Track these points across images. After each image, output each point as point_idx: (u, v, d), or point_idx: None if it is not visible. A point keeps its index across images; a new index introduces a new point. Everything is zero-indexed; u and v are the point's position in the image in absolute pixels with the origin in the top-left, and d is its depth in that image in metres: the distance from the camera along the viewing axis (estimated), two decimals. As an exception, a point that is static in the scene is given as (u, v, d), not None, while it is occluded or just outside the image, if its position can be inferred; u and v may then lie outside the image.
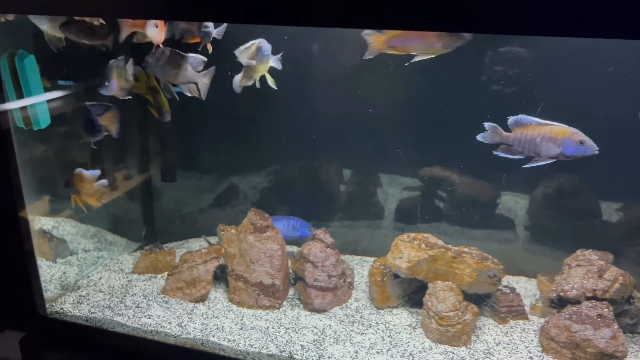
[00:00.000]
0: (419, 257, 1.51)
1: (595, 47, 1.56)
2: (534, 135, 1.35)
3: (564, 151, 1.33)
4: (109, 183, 1.92)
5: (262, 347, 1.42)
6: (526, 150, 1.37)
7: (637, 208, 1.78)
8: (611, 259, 1.48)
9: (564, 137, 1.32)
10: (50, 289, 1.67)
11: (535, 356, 1.39)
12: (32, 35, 1.53)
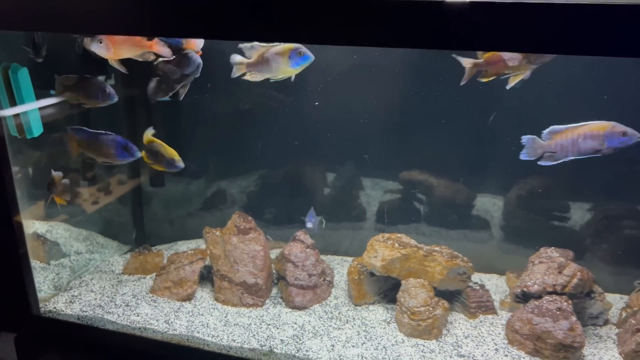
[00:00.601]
0: (393, 256, 1.60)
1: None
2: (575, 137, 1.38)
3: (608, 145, 1.35)
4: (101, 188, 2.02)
5: (244, 342, 1.51)
6: (570, 154, 1.41)
7: (604, 209, 1.87)
8: (571, 256, 1.57)
9: (605, 132, 1.35)
10: (43, 289, 1.75)
11: (500, 348, 1.48)
12: (22, 48, 1.63)
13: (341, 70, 1.84)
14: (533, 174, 1.89)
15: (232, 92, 1.93)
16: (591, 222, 1.89)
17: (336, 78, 1.85)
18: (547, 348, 1.41)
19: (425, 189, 2.02)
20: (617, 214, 1.86)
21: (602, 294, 1.59)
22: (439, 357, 1.44)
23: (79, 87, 1.57)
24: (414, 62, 1.80)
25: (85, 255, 1.94)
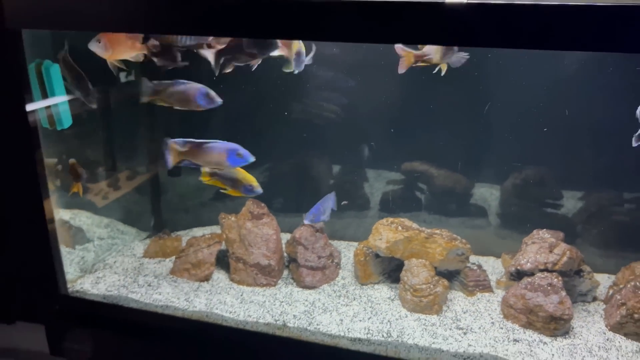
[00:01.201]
0: (396, 238, 1.73)
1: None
2: None
3: None
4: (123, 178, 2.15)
5: (259, 318, 1.63)
6: None
7: (595, 196, 1.99)
8: (561, 237, 1.70)
9: None
10: (70, 271, 1.87)
11: (496, 322, 1.61)
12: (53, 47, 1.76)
13: (344, 66, 1.96)
14: (528, 165, 2.01)
15: (243, 90, 2.05)
16: (582, 209, 2.01)
17: (340, 74, 1.98)
18: (539, 320, 1.53)
19: (426, 179, 2.14)
20: (606, 201, 1.98)
21: (590, 273, 1.71)
22: (440, 330, 1.57)
23: (175, 92, 1.64)
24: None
25: (108, 241, 2.06)
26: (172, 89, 1.63)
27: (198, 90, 1.63)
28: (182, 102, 1.65)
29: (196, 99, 1.64)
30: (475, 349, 1.48)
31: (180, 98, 1.64)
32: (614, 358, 1.46)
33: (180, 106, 1.66)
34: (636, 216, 1.94)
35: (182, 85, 1.64)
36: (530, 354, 1.46)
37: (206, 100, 1.64)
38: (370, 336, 1.54)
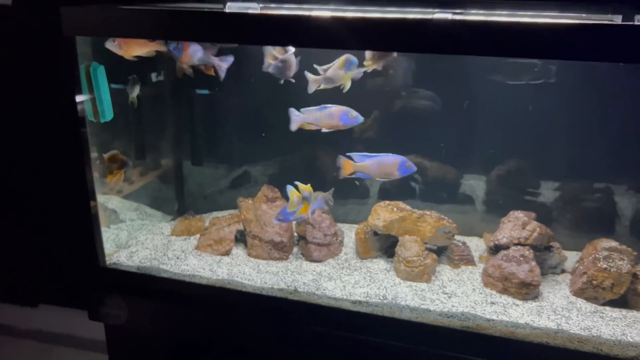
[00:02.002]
0: (392, 218, 2.00)
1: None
2: None
3: None
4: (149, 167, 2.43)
5: (274, 284, 1.90)
6: None
7: (570, 185, 2.25)
8: (533, 216, 1.96)
9: None
10: (107, 247, 2.13)
11: (477, 288, 1.87)
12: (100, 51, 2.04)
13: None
14: (511, 157, 2.28)
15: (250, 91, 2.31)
16: (558, 197, 2.27)
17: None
18: (513, 286, 1.80)
19: (420, 170, 2.40)
20: (579, 190, 2.25)
21: (559, 249, 1.98)
22: (428, 294, 1.84)
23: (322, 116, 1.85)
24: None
25: (138, 222, 2.33)
26: (318, 113, 1.85)
27: (342, 112, 1.84)
28: (329, 125, 1.86)
29: (341, 120, 1.85)
30: (457, 309, 1.75)
31: (327, 121, 1.85)
32: (574, 316, 1.72)
33: (327, 128, 1.87)
34: (603, 202, 2.20)
35: (328, 109, 1.85)
36: (504, 314, 1.73)
37: (349, 120, 1.86)
38: (368, 299, 1.81)
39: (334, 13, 1.65)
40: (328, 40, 1.63)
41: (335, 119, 1.86)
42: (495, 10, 1.63)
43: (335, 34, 1.57)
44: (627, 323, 1.70)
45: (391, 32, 1.52)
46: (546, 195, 2.28)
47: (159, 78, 2.25)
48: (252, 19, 1.64)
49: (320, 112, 1.85)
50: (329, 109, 1.85)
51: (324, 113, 1.85)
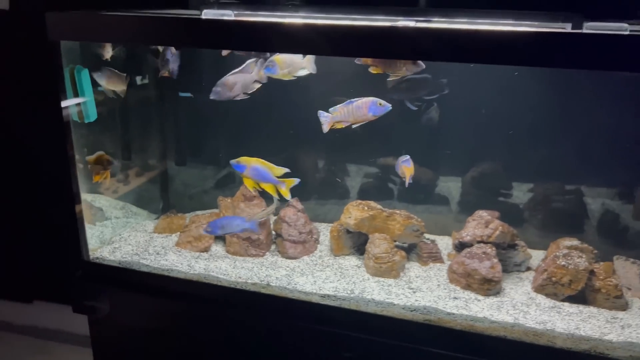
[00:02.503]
0: (363, 216, 2.08)
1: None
2: None
3: None
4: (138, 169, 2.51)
5: (248, 279, 1.98)
6: None
7: (541, 186, 2.33)
8: (497, 216, 2.04)
9: None
10: (91, 243, 2.22)
11: (442, 284, 1.95)
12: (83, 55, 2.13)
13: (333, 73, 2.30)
14: (485, 160, 2.36)
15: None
16: (530, 198, 2.35)
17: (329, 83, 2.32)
18: (475, 282, 1.88)
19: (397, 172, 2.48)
20: (549, 192, 2.32)
21: (524, 247, 2.05)
22: (394, 289, 1.91)
23: (350, 111, 1.82)
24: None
25: (123, 220, 2.42)
26: (346, 109, 1.83)
27: (371, 102, 1.82)
28: (359, 118, 1.84)
29: (370, 110, 1.82)
30: (420, 303, 1.82)
31: (356, 115, 1.83)
32: (532, 311, 1.80)
33: (357, 122, 1.85)
34: (572, 203, 2.27)
35: (355, 103, 1.83)
36: (465, 308, 1.81)
37: (378, 109, 1.82)
38: (337, 293, 1.89)
39: (304, 20, 1.74)
40: (299, 46, 1.73)
41: (364, 110, 1.84)
42: (456, 18, 1.71)
43: (306, 40, 1.66)
44: (582, 318, 1.77)
45: (360, 38, 1.61)
46: (518, 197, 2.36)
47: (144, 81, 2.34)
48: (226, 25, 1.73)
49: (347, 108, 1.84)
50: (356, 102, 1.83)
51: (352, 107, 1.83)
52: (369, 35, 1.60)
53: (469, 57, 1.60)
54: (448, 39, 1.55)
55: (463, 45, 1.54)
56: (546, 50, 1.48)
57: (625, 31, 1.44)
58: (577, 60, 1.49)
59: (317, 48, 1.73)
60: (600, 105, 2.09)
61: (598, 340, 1.67)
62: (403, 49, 1.62)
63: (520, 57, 1.52)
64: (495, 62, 1.66)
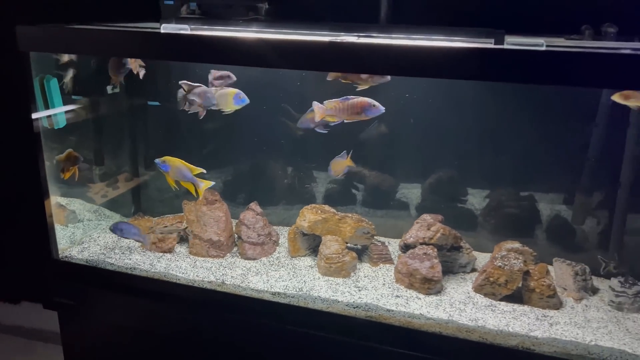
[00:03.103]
0: (316, 219, 2.19)
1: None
2: None
3: None
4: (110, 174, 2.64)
5: (204, 277, 2.10)
6: None
7: (495, 193, 2.43)
8: (440, 219, 2.15)
9: None
10: (62, 243, 2.34)
11: (387, 283, 2.06)
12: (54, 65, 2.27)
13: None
14: (443, 167, 2.47)
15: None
16: (485, 204, 2.46)
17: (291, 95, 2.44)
18: (417, 282, 1.98)
19: (360, 179, 2.60)
20: (504, 198, 2.43)
21: (469, 249, 2.16)
22: (341, 288, 2.02)
23: (345, 108, 1.89)
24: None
25: (95, 222, 2.54)
26: (341, 105, 1.90)
27: (366, 103, 1.88)
28: (352, 115, 1.90)
29: (364, 110, 1.89)
30: (363, 301, 1.93)
31: (350, 112, 1.90)
32: (468, 309, 1.90)
33: (350, 119, 1.92)
34: (521, 209, 2.38)
35: (351, 100, 1.89)
36: (405, 305, 1.91)
37: (372, 111, 1.88)
38: (286, 291, 2.00)
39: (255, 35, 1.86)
40: (250, 59, 1.85)
41: (358, 109, 1.90)
42: (393, 34, 1.83)
43: (257, 54, 1.79)
44: (514, 316, 1.87)
45: (309, 52, 1.73)
46: (474, 202, 2.47)
47: (115, 90, 2.47)
48: (183, 38, 1.86)
49: (343, 103, 1.89)
50: (352, 100, 1.89)
51: (347, 104, 1.89)
52: (317, 49, 1.72)
53: (404, 70, 1.72)
54: (386, 53, 1.67)
55: (398, 60, 1.66)
56: (470, 65, 1.60)
57: (542, 47, 1.55)
58: (498, 74, 1.61)
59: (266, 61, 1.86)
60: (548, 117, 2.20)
61: (525, 336, 1.77)
62: (345, 63, 1.75)
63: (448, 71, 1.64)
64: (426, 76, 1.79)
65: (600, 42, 1.90)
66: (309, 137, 2.50)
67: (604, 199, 2.16)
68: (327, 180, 2.65)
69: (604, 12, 2.00)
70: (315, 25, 1.97)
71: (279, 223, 2.57)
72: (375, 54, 1.68)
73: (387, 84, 2.20)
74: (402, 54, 1.65)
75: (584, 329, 1.80)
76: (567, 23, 2.01)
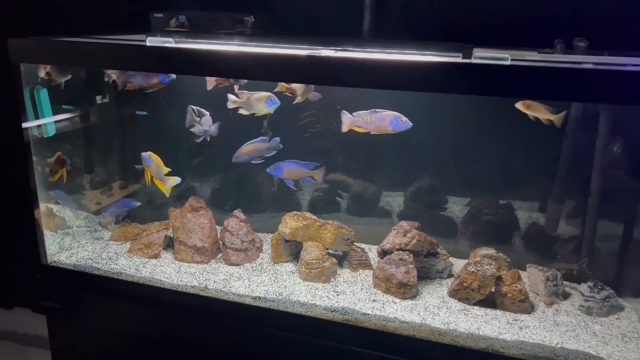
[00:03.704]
0: (297, 226, 2.26)
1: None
2: None
3: None
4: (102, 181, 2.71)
5: (188, 282, 2.16)
6: None
7: (474, 201, 2.50)
8: (416, 226, 2.21)
9: None
10: (51, 248, 2.40)
11: (365, 288, 2.12)
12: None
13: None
14: (424, 176, 2.54)
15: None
16: (463, 211, 2.52)
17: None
18: (393, 286, 2.04)
19: (344, 187, 2.66)
20: (483, 206, 2.50)
21: (446, 255, 2.22)
22: (320, 292, 2.08)
23: (372, 120, 1.97)
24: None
25: (84, 228, 2.60)
26: (369, 117, 1.97)
27: (393, 117, 1.95)
28: (379, 128, 1.97)
29: (391, 124, 1.96)
30: (340, 305, 1.99)
31: (377, 124, 1.97)
32: (442, 314, 1.96)
33: (376, 132, 1.98)
34: (499, 217, 2.44)
35: (379, 113, 1.96)
36: (380, 309, 1.97)
37: (399, 125, 1.95)
38: (267, 295, 2.06)
39: (236, 48, 1.94)
40: (232, 71, 1.93)
41: (386, 123, 1.97)
42: (369, 49, 1.91)
43: (238, 66, 1.87)
44: (486, 320, 1.93)
45: (287, 65, 1.81)
46: (454, 210, 2.54)
47: (104, 100, 2.54)
48: (168, 51, 1.94)
49: (371, 116, 1.96)
50: (380, 113, 1.96)
51: (375, 117, 1.96)
52: (296, 63, 1.80)
53: (377, 83, 1.79)
54: (361, 67, 1.74)
55: (372, 73, 1.74)
56: (438, 78, 1.68)
57: (507, 61, 1.63)
58: (464, 87, 1.69)
59: (246, 73, 1.94)
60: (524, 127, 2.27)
61: (495, 339, 1.83)
62: (322, 75, 1.82)
63: (418, 84, 1.72)
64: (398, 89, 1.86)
65: (569, 55, 1.98)
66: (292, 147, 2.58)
67: (575, 207, 2.23)
68: (312, 188, 2.72)
69: (581, 26, 2.08)
70: (296, 39, 2.05)
71: (264, 230, 2.64)
72: (350, 67, 1.75)
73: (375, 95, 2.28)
74: (375, 67, 1.72)
75: (552, 332, 1.86)
76: (549, 36, 2.08)
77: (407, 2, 2.40)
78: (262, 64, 1.83)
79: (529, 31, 2.26)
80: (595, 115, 2.07)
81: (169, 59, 1.96)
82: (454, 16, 2.35)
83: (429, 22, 2.38)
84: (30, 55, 2.08)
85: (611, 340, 1.83)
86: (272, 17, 2.57)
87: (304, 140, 2.53)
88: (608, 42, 2.05)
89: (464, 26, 2.35)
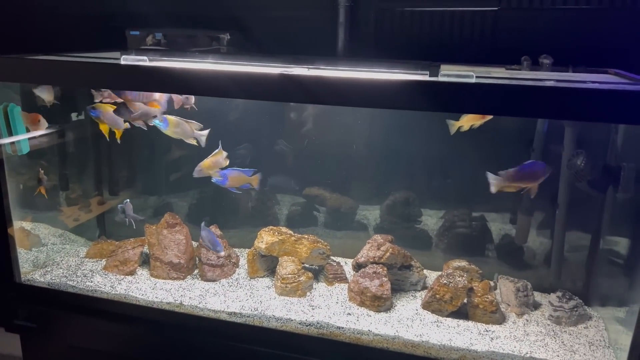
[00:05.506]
0: (273, 241, 2.28)
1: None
2: None
3: None
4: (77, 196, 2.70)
5: (163, 299, 2.16)
6: None
7: (449, 213, 2.54)
8: (390, 239, 2.25)
9: None
10: (25, 266, 2.38)
11: (340, 302, 2.14)
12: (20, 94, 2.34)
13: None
14: (399, 190, 2.58)
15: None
16: (440, 224, 2.56)
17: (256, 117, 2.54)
18: (368, 299, 2.07)
19: (321, 201, 2.69)
20: (456, 218, 2.55)
21: (420, 268, 2.26)
22: (296, 307, 2.10)
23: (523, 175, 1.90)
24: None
25: (59, 246, 2.59)
26: (519, 173, 1.89)
27: (544, 169, 1.90)
28: (530, 182, 1.89)
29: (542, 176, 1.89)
30: (315, 319, 2.01)
31: (527, 179, 1.90)
32: (416, 325, 1.99)
33: (527, 185, 1.90)
34: (473, 229, 2.49)
35: (528, 168, 1.90)
36: (354, 322, 2.00)
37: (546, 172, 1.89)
38: (242, 311, 2.07)
39: (209, 67, 1.97)
40: (204, 89, 1.95)
41: (540, 176, 1.90)
42: (340, 67, 1.95)
43: (210, 84, 1.89)
44: (458, 331, 1.97)
45: (259, 83, 1.84)
46: (428, 223, 2.58)
47: (79, 117, 2.55)
48: (141, 70, 1.95)
49: (520, 173, 1.88)
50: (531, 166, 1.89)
51: (526, 172, 1.89)
52: (264, 80, 1.82)
53: (347, 101, 1.82)
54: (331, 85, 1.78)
55: (341, 90, 1.77)
56: (405, 96, 1.72)
57: (472, 79, 1.68)
58: (431, 104, 1.73)
59: (218, 91, 1.96)
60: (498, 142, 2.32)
61: (466, 350, 1.86)
62: (293, 93, 1.86)
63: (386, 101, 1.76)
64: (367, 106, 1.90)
65: (535, 72, 2.05)
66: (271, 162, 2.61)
67: (544, 219, 2.29)
68: (289, 201, 2.75)
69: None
70: (270, 57, 2.08)
71: (242, 245, 2.65)
72: (320, 86, 1.79)
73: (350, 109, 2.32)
74: (345, 86, 1.76)
75: (522, 342, 1.90)
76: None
77: (380, 20, 2.46)
78: (235, 82, 1.85)
79: (497, 49, 2.33)
80: (560, 129, 2.13)
81: (142, 77, 1.97)
82: (427, 34, 2.41)
83: (402, 41, 2.44)
84: (2, 73, 2.08)
85: (579, 348, 1.88)
86: (247, 35, 2.61)
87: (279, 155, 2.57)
88: (573, 58, 2.13)
89: (439, 44, 2.41)
